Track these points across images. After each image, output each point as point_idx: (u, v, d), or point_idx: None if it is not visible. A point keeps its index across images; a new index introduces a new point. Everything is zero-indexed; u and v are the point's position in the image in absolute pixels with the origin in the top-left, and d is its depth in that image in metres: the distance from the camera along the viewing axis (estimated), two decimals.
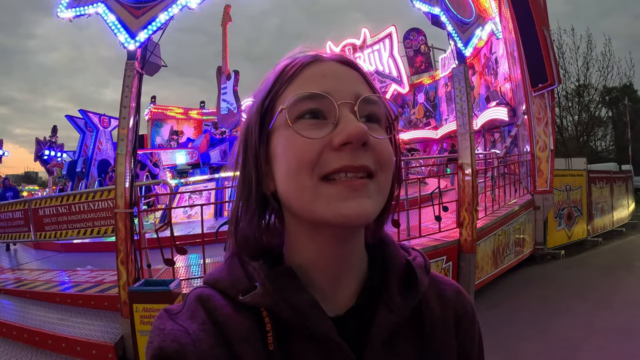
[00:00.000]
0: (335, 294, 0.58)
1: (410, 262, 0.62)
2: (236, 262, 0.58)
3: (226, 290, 0.56)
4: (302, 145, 0.51)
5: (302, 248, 0.58)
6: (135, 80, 4.28)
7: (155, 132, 19.73)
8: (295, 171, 0.52)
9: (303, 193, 0.52)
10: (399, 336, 0.59)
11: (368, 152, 0.52)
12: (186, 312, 0.54)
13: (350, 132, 0.50)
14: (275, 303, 0.53)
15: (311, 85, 0.55)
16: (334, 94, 0.53)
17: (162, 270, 5.22)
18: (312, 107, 0.53)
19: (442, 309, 0.64)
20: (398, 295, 0.59)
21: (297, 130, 0.52)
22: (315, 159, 0.51)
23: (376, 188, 0.53)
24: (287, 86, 0.56)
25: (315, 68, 0.57)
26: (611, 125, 30.36)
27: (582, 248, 9.68)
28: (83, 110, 15.82)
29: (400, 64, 20.70)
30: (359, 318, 0.57)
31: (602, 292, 6.22)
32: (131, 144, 4.24)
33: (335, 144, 0.51)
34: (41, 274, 6.48)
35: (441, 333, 0.62)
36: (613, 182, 11.94)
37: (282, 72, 0.58)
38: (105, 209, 5.40)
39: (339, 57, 0.59)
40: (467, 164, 5.35)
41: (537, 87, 8.58)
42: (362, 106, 0.54)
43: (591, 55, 27.24)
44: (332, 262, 0.57)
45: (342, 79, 0.56)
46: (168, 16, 4.15)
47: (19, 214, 6.48)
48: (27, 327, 4.45)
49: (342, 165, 0.50)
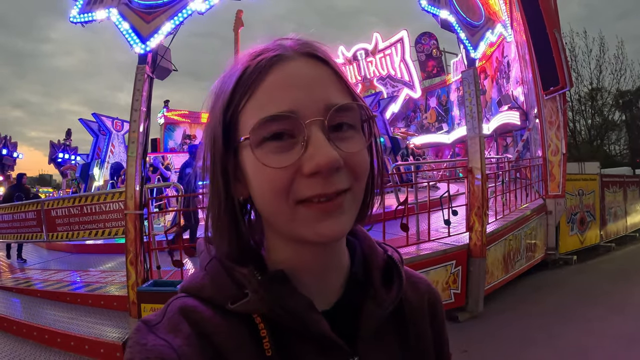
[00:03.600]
0: (323, 289, 0.58)
1: (390, 257, 0.64)
2: (219, 268, 0.55)
3: (212, 299, 0.53)
4: (271, 174, 0.49)
5: (282, 251, 0.56)
6: (146, 84, 4.34)
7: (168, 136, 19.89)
8: (269, 197, 0.50)
9: (280, 215, 0.51)
10: (384, 328, 0.60)
11: (341, 170, 0.49)
12: (167, 324, 0.51)
13: (319, 162, 0.47)
14: (271, 309, 0.51)
15: (275, 99, 0.50)
16: (300, 110, 0.49)
17: (171, 272, 5.26)
18: (278, 127, 0.49)
19: (418, 300, 0.67)
20: (382, 289, 0.59)
21: (261, 159, 0.49)
22: (287, 186, 0.49)
23: (352, 199, 0.52)
24: (249, 98, 0.51)
25: (278, 73, 0.51)
26: (625, 128, 29.92)
27: (595, 253, 9.52)
28: (96, 113, 16.03)
29: (412, 69, 20.71)
30: (347, 312, 0.57)
31: (614, 298, 6.12)
32: (142, 147, 4.31)
33: (305, 172, 0.48)
34: (52, 274, 6.58)
35: (419, 322, 0.66)
36: (627, 187, 11.75)
37: (242, 76, 0.52)
38: (116, 210, 5.46)
39: (306, 51, 0.54)
40: (477, 168, 5.32)
41: (548, 90, 8.49)
42: (333, 116, 0.50)
43: (604, 58, 26.96)
44: (314, 265, 0.57)
45: (310, 87, 0.51)
46: (178, 21, 4.20)
47: (31, 215, 6.59)
48: (37, 325, 4.54)
49: (315, 193, 0.48)
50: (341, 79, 0.54)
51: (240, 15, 14.49)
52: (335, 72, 0.54)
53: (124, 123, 15.87)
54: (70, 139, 21.83)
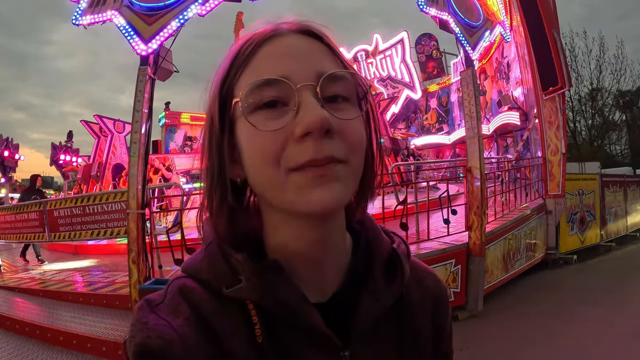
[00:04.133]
0: (319, 279, 0.57)
1: (395, 249, 0.62)
2: (217, 252, 0.55)
3: (208, 282, 0.54)
4: (263, 139, 0.49)
5: (280, 233, 0.56)
6: (148, 86, 4.39)
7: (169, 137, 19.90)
8: (260, 165, 0.50)
9: (272, 185, 0.50)
10: (382, 322, 0.59)
11: (335, 138, 0.49)
12: (169, 305, 0.52)
13: (309, 121, 0.47)
14: (262, 298, 0.52)
15: (267, 68, 0.50)
16: (292, 76, 0.49)
17: (173, 272, 5.30)
18: (270, 94, 0.49)
19: (421, 295, 0.65)
20: (382, 283, 0.58)
21: (254, 124, 0.49)
22: (279, 152, 0.48)
23: (348, 171, 0.50)
24: (243, 70, 0.52)
25: (272, 46, 0.52)
26: (625, 128, 29.88)
27: (595, 253, 9.53)
28: (98, 115, 16.07)
29: (412, 70, 20.70)
30: (344, 305, 0.56)
31: (614, 298, 6.12)
32: (143, 147, 4.35)
33: (296, 135, 0.48)
34: (55, 274, 6.61)
35: (419, 317, 0.63)
36: (627, 187, 11.76)
37: (238, 53, 0.54)
38: (118, 210, 5.50)
39: (301, 27, 0.54)
40: (476, 168, 5.35)
41: (547, 90, 8.52)
42: (326, 85, 0.49)
43: (604, 58, 26.94)
44: (311, 246, 0.55)
45: (302, 56, 0.51)
46: (179, 22, 4.25)
47: (34, 215, 6.63)
48: (40, 324, 4.57)
49: (307, 159, 0.47)
50: (335, 54, 0.55)
51: (240, 17, 14.52)
52: (329, 47, 0.55)
53: (126, 124, 15.90)
54: (72, 141, 21.84)
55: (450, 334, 0.70)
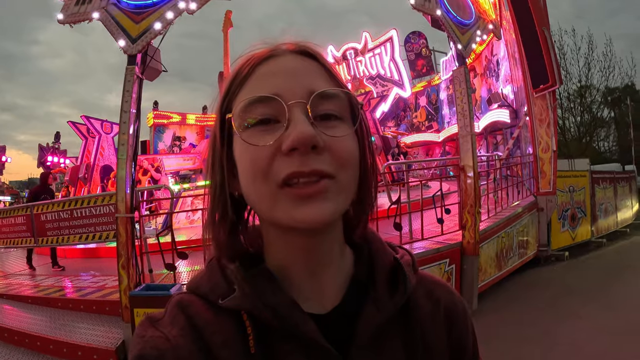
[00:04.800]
0: (318, 291, 0.57)
1: (397, 259, 0.61)
2: (215, 266, 0.57)
3: (207, 296, 0.55)
4: (253, 153, 0.51)
5: (275, 246, 0.58)
6: (136, 86, 4.29)
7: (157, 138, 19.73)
8: (251, 179, 0.52)
9: (262, 199, 0.52)
10: (386, 335, 0.57)
11: (323, 154, 0.50)
12: (167, 318, 0.54)
13: (295, 137, 0.48)
14: (254, 305, 0.52)
15: (262, 86, 0.53)
16: (284, 94, 0.51)
17: (163, 276, 5.21)
18: (262, 111, 0.51)
19: (431, 307, 0.63)
20: (385, 293, 0.58)
21: (245, 139, 0.51)
22: (267, 166, 0.50)
23: (337, 188, 0.51)
24: (240, 89, 0.55)
25: (267, 66, 0.55)
26: (614, 125, 30.25)
27: (587, 249, 9.61)
28: (85, 116, 15.87)
29: (401, 68, 20.74)
30: (345, 317, 0.56)
31: (607, 294, 6.17)
32: (132, 149, 4.25)
33: (283, 149, 0.49)
34: (43, 279, 6.49)
35: (431, 331, 0.61)
36: (617, 183, 11.88)
37: (237, 73, 0.56)
38: (106, 214, 5.39)
39: (296, 48, 0.57)
40: (469, 166, 5.33)
41: (538, 88, 8.56)
42: (317, 103, 0.51)
43: (592, 55, 27.24)
44: (304, 259, 0.56)
45: (295, 75, 0.53)
46: (167, 21, 4.16)
47: (21, 220, 6.49)
48: (29, 332, 4.46)
49: (292, 171, 0.49)
50: (330, 73, 0.56)
51: (229, 15, 14.42)
52: (323, 66, 0.56)
53: (113, 125, 15.72)
54: (59, 142, 21.62)
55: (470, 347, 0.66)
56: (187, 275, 5.48)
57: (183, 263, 5.65)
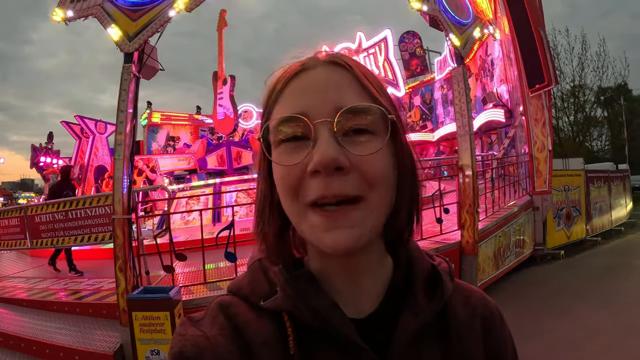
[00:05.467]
0: (356, 297, 0.57)
1: (435, 266, 0.62)
2: (258, 268, 0.59)
3: (248, 297, 0.57)
4: (283, 171, 0.52)
5: (315, 255, 0.59)
6: (132, 84, 4.22)
7: (151, 138, 19.64)
8: (283, 195, 0.54)
9: (294, 215, 0.54)
10: (423, 341, 0.57)
11: (350, 174, 0.50)
12: (208, 319, 0.55)
13: (317, 160, 0.48)
14: (296, 307, 0.53)
15: (291, 104, 0.53)
16: (311, 112, 0.51)
17: (160, 278, 5.15)
18: (291, 130, 0.52)
19: (468, 315, 0.63)
20: (423, 299, 0.58)
21: (277, 157, 0.53)
22: (296, 185, 0.51)
23: (364, 212, 0.51)
24: (275, 104, 0.56)
25: (297, 81, 0.55)
26: (607, 125, 30.50)
27: (582, 248, 9.69)
28: (79, 116, 15.74)
29: (396, 67, 20.70)
30: (383, 322, 0.56)
31: (603, 292, 6.22)
32: (128, 149, 4.19)
33: (308, 171, 0.50)
34: (38, 282, 6.41)
35: (468, 339, 0.61)
36: (611, 182, 11.97)
37: (273, 88, 0.57)
38: (102, 215, 5.32)
39: (332, 59, 0.56)
40: (468, 165, 5.32)
41: (534, 87, 8.59)
42: (345, 119, 0.51)
43: (586, 55, 27.46)
44: (343, 270, 0.57)
45: (323, 91, 0.53)
46: (164, 19, 4.10)
47: (15, 221, 6.39)
48: (25, 336, 4.39)
49: (318, 195, 0.49)
50: (362, 84, 0.54)
51: (223, 15, 14.29)
52: (356, 78, 0.55)
53: (108, 125, 15.62)
54: (52, 143, 21.42)
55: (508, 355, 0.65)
56: (185, 277, 5.42)
57: (181, 264, 5.59)
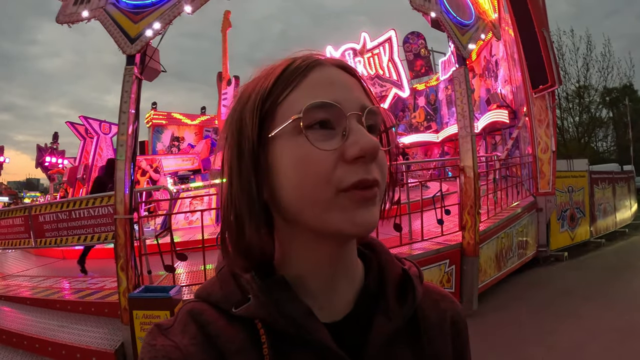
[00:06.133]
0: (332, 300, 0.58)
1: (406, 270, 0.63)
2: (228, 275, 0.57)
3: (219, 304, 0.55)
4: (317, 157, 0.50)
5: (298, 254, 0.57)
6: (134, 86, 4.26)
7: (156, 138, 19.71)
8: (311, 184, 0.51)
9: (318, 204, 0.51)
10: (396, 344, 0.58)
11: (374, 164, 0.52)
12: (178, 326, 0.53)
13: (365, 146, 0.50)
14: (269, 314, 0.52)
15: (319, 92, 0.53)
16: (343, 103, 0.52)
17: (162, 277, 5.19)
18: (323, 116, 0.51)
19: (438, 318, 0.65)
20: (395, 303, 0.59)
21: (311, 142, 0.50)
22: (331, 171, 0.50)
23: (379, 196, 0.54)
24: (292, 91, 0.54)
25: (319, 73, 0.55)
26: (612, 125, 30.32)
27: (586, 249, 9.63)
28: (84, 116, 15.82)
29: (400, 68, 20.70)
30: (357, 325, 0.57)
31: (606, 294, 6.18)
32: (131, 150, 4.22)
33: (348, 157, 0.50)
34: (42, 280, 6.46)
35: (438, 340, 0.63)
36: (615, 183, 11.89)
37: (283, 73, 0.55)
38: (105, 215, 5.37)
39: (339, 63, 0.58)
40: (469, 167, 5.32)
41: (537, 88, 8.57)
42: (367, 116, 0.53)
43: (591, 56, 27.32)
44: (327, 267, 0.57)
45: (348, 88, 0.55)
46: (166, 21, 4.13)
47: (19, 221, 6.46)
48: (27, 334, 4.42)
49: (358, 179, 0.50)
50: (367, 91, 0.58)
51: (228, 15, 14.33)
52: (361, 84, 0.58)
53: (112, 126, 15.69)
54: (57, 143, 21.57)
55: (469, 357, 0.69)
56: (187, 276, 5.45)
57: (182, 264, 5.63)
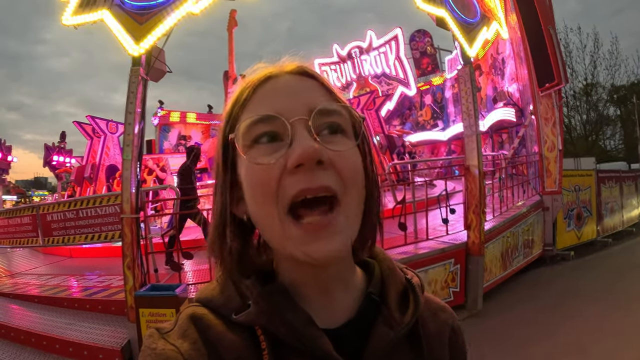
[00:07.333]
0: (328, 306, 0.57)
1: (409, 280, 0.63)
2: (227, 281, 0.57)
3: (219, 309, 0.55)
4: (260, 173, 0.50)
5: (286, 264, 0.57)
6: (140, 86, 4.30)
7: (163, 137, 19.79)
8: (260, 201, 0.52)
9: (272, 225, 0.52)
10: (396, 352, 0.58)
11: (328, 169, 0.50)
12: (178, 330, 0.53)
13: (300, 152, 0.48)
14: (270, 321, 0.52)
15: (263, 106, 0.53)
16: (286, 112, 0.51)
17: (169, 275, 5.23)
18: (266, 130, 0.52)
19: (438, 328, 0.65)
20: (397, 312, 0.58)
21: (250, 159, 0.51)
22: (275, 186, 0.50)
23: (344, 216, 0.51)
24: (242, 110, 0.55)
25: (267, 87, 0.55)
26: (620, 123, 30.05)
27: (592, 249, 9.54)
28: (91, 116, 15.90)
29: (406, 66, 20.68)
30: (357, 331, 0.56)
31: (612, 294, 6.13)
32: (137, 149, 4.26)
33: (288, 166, 0.49)
34: (49, 278, 6.52)
35: (437, 350, 0.63)
36: (622, 182, 11.78)
37: (238, 96, 0.57)
38: (112, 214, 5.42)
39: (295, 69, 0.57)
40: (474, 166, 5.31)
41: (544, 86, 8.51)
42: (319, 119, 0.52)
43: (598, 53, 27.09)
44: (314, 280, 0.56)
45: (295, 93, 0.54)
46: (172, 22, 4.16)
47: (27, 219, 6.54)
48: (35, 331, 4.49)
49: (300, 189, 0.49)
50: (329, 90, 0.57)
51: (234, 14, 14.37)
52: (322, 84, 0.57)
53: (119, 125, 15.75)
54: (65, 142, 21.72)
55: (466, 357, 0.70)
56: (194, 275, 5.49)
57: (191, 263, 5.67)
